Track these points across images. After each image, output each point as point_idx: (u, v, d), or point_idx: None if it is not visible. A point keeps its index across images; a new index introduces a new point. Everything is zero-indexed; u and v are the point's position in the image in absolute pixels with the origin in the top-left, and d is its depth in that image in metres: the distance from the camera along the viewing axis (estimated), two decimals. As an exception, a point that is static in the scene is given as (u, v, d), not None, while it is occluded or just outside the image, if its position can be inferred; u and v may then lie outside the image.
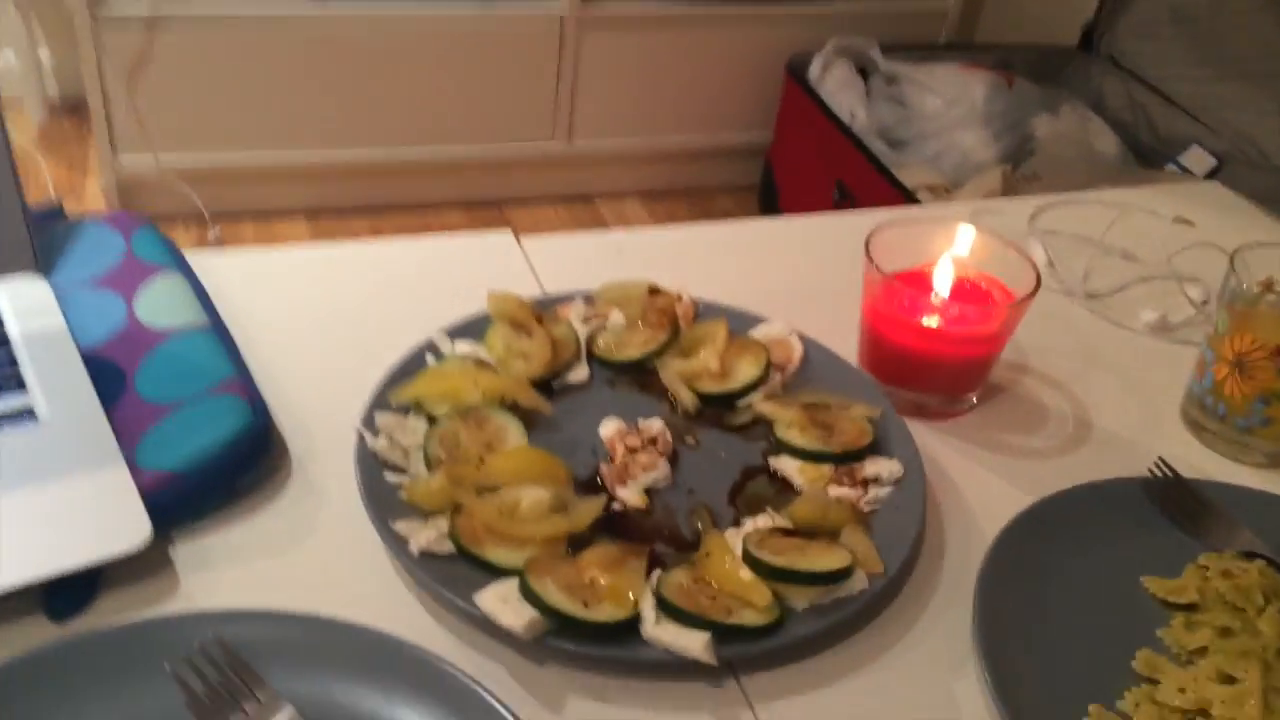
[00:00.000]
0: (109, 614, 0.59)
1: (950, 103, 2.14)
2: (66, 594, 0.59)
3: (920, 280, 0.80)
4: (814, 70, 2.35)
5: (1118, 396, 0.85)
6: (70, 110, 2.61)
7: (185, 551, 0.63)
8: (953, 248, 0.80)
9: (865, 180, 2.10)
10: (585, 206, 2.65)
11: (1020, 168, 2.06)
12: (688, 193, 2.71)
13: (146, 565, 0.62)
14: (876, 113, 2.21)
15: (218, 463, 0.65)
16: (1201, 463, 0.78)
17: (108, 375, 0.70)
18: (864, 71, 2.36)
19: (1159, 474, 0.72)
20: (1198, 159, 2.11)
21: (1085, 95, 2.32)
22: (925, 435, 0.77)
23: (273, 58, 2.26)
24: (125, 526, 0.60)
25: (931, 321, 0.76)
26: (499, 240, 0.94)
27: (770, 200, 2.59)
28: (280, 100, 2.31)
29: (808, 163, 2.39)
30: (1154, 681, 0.60)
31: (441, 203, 2.54)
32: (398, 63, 2.35)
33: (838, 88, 2.28)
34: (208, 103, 2.27)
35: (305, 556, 0.64)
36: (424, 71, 2.37)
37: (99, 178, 2.32)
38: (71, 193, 2.35)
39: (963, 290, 0.79)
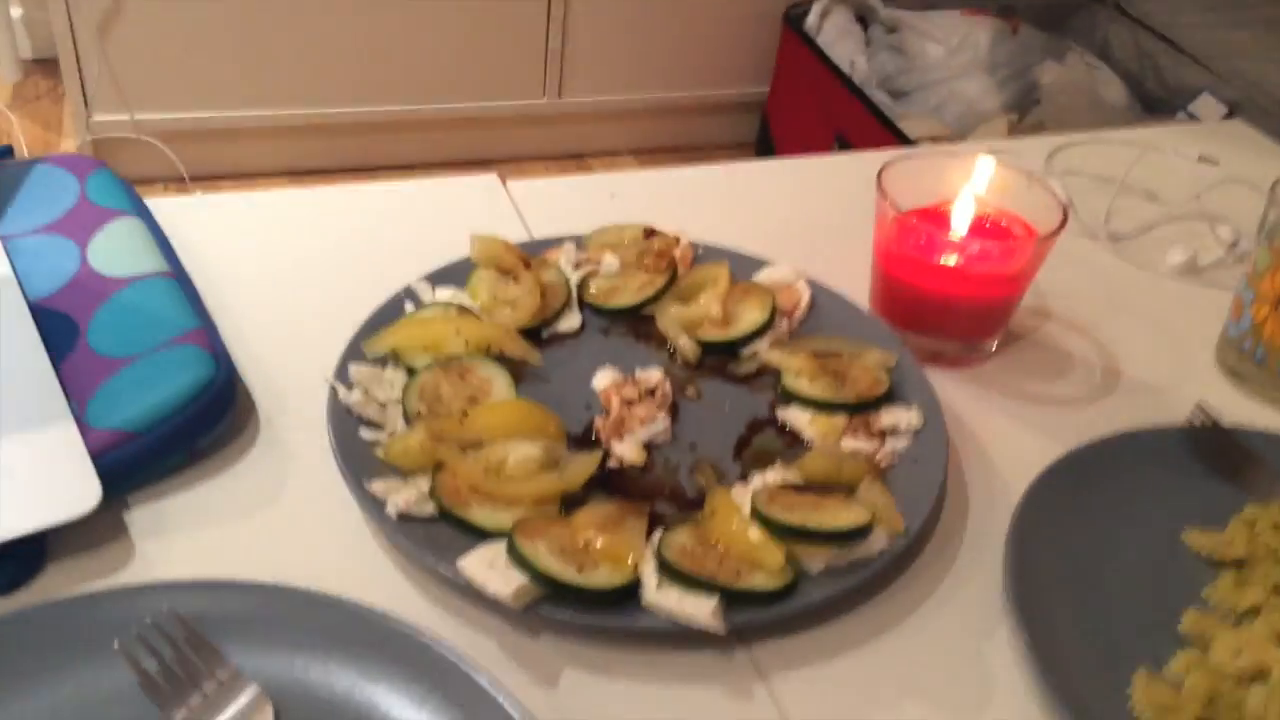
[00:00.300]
0: (57, 586, 0.54)
1: (953, 51, 2.07)
2: (9, 564, 0.54)
3: (936, 218, 0.74)
4: (812, 19, 2.28)
5: (1147, 342, 0.79)
6: (43, 68, 2.53)
7: (141, 517, 0.58)
8: (970, 182, 0.74)
9: (866, 132, 2.03)
10: (577, 165, 2.58)
11: (1026, 117, 2.00)
12: (682, 149, 2.64)
13: (98, 532, 0.56)
14: (877, 62, 2.14)
15: (176, 420, 0.59)
16: (1240, 411, 0.73)
17: (58, 327, 0.65)
18: (863, 20, 2.29)
19: (1198, 422, 0.67)
20: (1209, 107, 2.04)
21: (1091, 44, 2.25)
22: (942, 384, 0.71)
23: (252, 10, 2.18)
24: (73, 489, 0.55)
25: (950, 261, 0.70)
26: (483, 183, 0.88)
27: (767, 155, 2.53)
28: (261, 55, 2.23)
29: (806, 115, 2.32)
30: (1203, 644, 0.55)
31: (429, 162, 2.47)
32: (383, 16, 2.27)
33: (836, 37, 2.21)
34: (184, 58, 2.19)
35: (272, 521, 0.59)
36: (409, 25, 2.29)
37: (73, 138, 2.24)
38: (46, 153, 2.28)
39: (981, 228, 0.74)
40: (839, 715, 0.52)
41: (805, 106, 2.32)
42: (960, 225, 0.73)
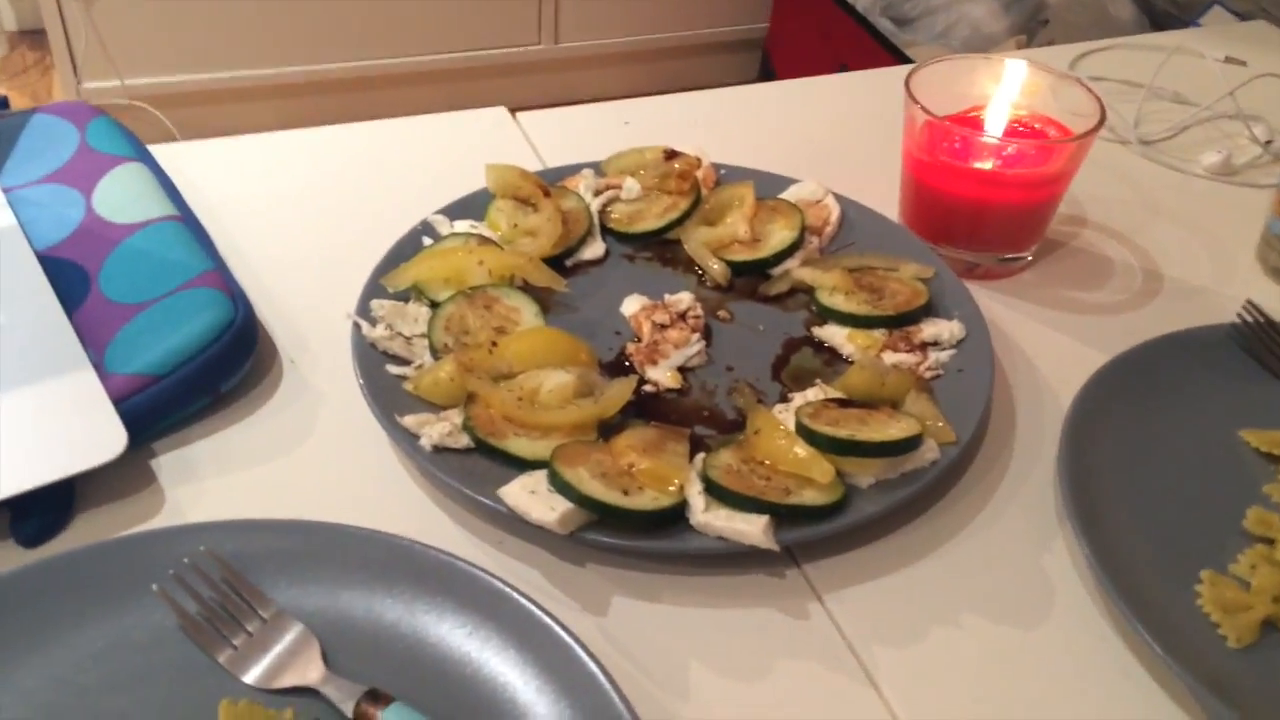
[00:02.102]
0: (88, 537, 0.52)
1: (956, -26, 2.02)
2: (37, 516, 0.52)
3: (967, 124, 0.71)
4: (809, -50, 2.22)
5: (1186, 245, 0.77)
6: (29, 40, 2.48)
7: (168, 463, 0.56)
8: (1002, 85, 0.71)
9: (871, 62, 1.99)
10: (576, 112, 2.53)
11: (1034, 39, 1.95)
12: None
13: (125, 479, 0.55)
14: (878, -11, 2.09)
15: (196, 362, 0.57)
16: (1285, 309, 0.71)
17: (69, 276, 0.63)
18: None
19: (1248, 319, 0.65)
20: (1220, 20, 2.00)
21: (1096, -40, 2.19)
22: (979, 297, 0.69)
23: (237, -31, 2.13)
24: (97, 436, 0.53)
25: (985, 165, 0.68)
26: (492, 116, 0.86)
27: (768, 94, 2.48)
28: (249, 13, 2.18)
29: (808, 49, 2.27)
30: (1268, 540, 0.53)
31: (425, 114, 2.42)
32: (370, -32, 2.22)
33: (835, -34, 2.15)
34: (173, 21, 2.15)
35: (303, 461, 0.57)
36: (398, -24, 2.24)
37: (65, 109, 2.20)
38: (38, 126, 2.24)
39: (1015, 131, 0.71)
40: (898, 631, 0.51)
41: (807, 39, 2.27)
42: (994, 128, 0.70)
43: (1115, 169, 0.85)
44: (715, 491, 0.52)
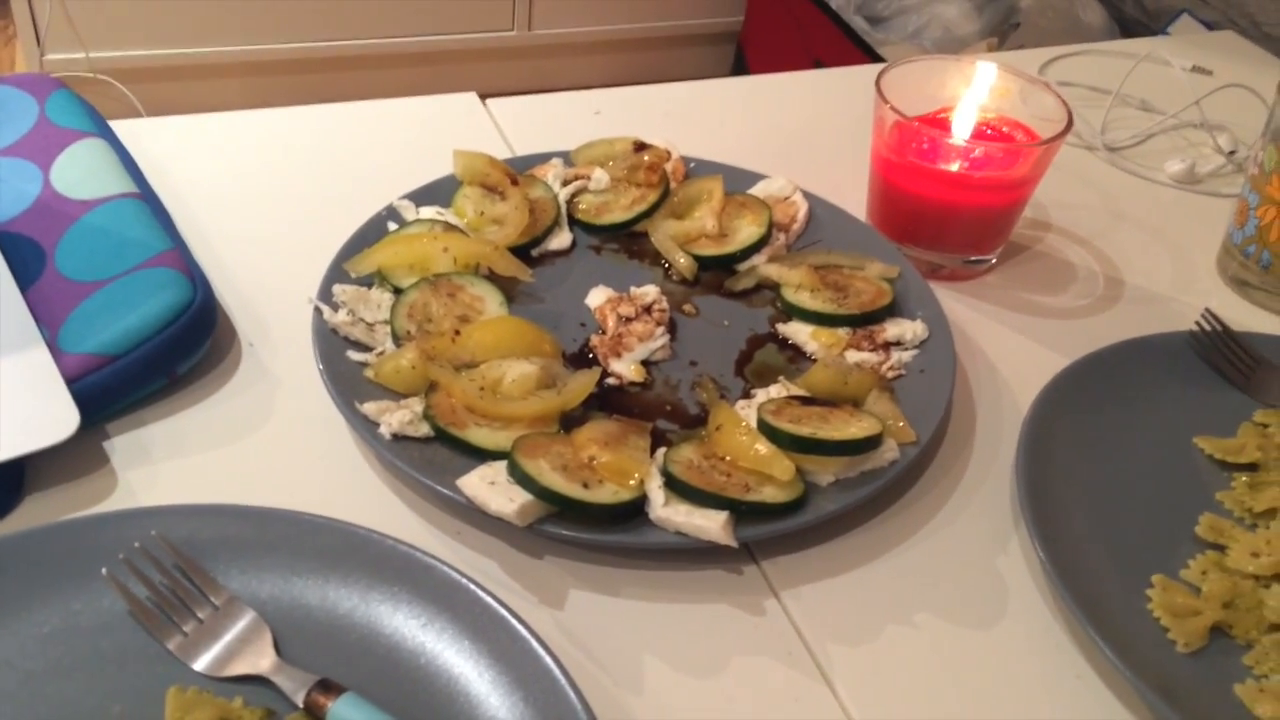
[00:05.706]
0: (36, 518, 0.51)
1: (930, -26, 2.03)
2: (-16, 496, 0.51)
3: (936, 125, 0.71)
4: (785, -55, 2.22)
5: (1148, 252, 0.78)
6: (-8, 10, 2.43)
7: (122, 446, 0.55)
8: (971, 87, 0.72)
9: (844, 59, 1.99)
10: (548, 100, 2.52)
11: (1005, 42, 1.96)
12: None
13: (78, 461, 0.54)
14: (853, -13, 2.09)
15: (153, 343, 0.56)
16: (1241, 318, 0.72)
17: (24, 252, 0.61)
18: (838, -56, 2.23)
19: (1206, 327, 0.66)
20: (1188, 30, 2.02)
21: (1068, -34, 2.21)
22: (943, 299, 0.69)
23: (207, -57, 2.10)
24: (49, 416, 0.52)
25: (952, 166, 0.68)
26: (462, 102, 0.85)
27: (741, 88, 2.48)
28: (218, -10, 2.15)
29: (782, 45, 2.27)
30: (1219, 547, 0.54)
31: (394, 98, 2.40)
32: (343, -53, 2.19)
33: (811, -38, 2.15)
34: (140, -6, 2.11)
35: (260, 446, 0.56)
36: (371, -43, 2.22)
37: (27, 79, 2.16)
38: (-2, 97, 2.19)
39: (983, 134, 0.71)
40: (853, 629, 0.51)
41: (781, 35, 2.27)
42: (962, 130, 0.71)
43: (1081, 174, 0.85)
44: (676, 486, 0.52)
